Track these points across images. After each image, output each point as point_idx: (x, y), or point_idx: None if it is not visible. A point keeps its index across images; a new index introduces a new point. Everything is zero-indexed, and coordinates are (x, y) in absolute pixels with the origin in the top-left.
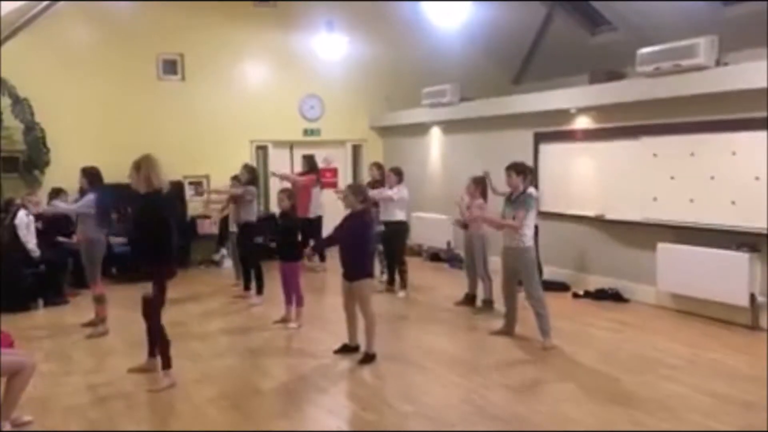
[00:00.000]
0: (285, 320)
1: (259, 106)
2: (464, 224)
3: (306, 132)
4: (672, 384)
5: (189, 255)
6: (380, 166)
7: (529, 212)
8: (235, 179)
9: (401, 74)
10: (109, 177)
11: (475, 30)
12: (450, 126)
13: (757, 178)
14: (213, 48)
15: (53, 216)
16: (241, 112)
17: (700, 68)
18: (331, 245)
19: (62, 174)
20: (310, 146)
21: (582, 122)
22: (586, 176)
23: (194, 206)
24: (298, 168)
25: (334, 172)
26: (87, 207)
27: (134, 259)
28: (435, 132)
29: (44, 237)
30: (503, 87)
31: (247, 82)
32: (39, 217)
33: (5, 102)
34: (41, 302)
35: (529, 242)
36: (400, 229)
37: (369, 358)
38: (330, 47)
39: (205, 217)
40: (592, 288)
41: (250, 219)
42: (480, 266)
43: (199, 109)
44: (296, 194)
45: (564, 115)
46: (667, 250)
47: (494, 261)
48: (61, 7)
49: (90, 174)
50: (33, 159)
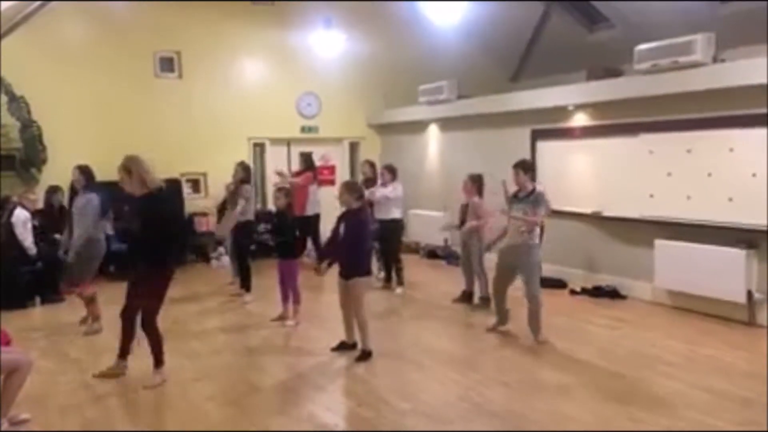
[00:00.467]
0: (282, 318)
1: (257, 104)
2: (460, 225)
3: (303, 129)
4: (669, 381)
5: (186, 253)
6: (372, 164)
7: (542, 210)
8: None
9: (399, 71)
10: (107, 175)
11: (473, 27)
12: (447, 123)
13: (754, 175)
14: (210, 45)
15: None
16: (239, 110)
17: (697, 65)
18: (335, 250)
19: (59, 172)
20: (308, 144)
21: (579, 119)
22: (584, 173)
23: (192, 204)
24: (296, 165)
25: (332, 170)
26: (94, 207)
27: (134, 260)
28: (432, 129)
29: (41, 235)
30: (501, 84)
31: (245, 80)
32: (36, 215)
33: (2, 100)
34: (38, 300)
35: (537, 240)
36: (396, 227)
37: (365, 356)
38: (327, 45)
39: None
40: (590, 285)
41: (247, 218)
42: (476, 263)
43: (197, 107)
44: (293, 193)
45: (561, 113)
46: (665, 247)
47: (488, 258)
48: (58, 5)
49: (86, 172)
50: (30, 157)
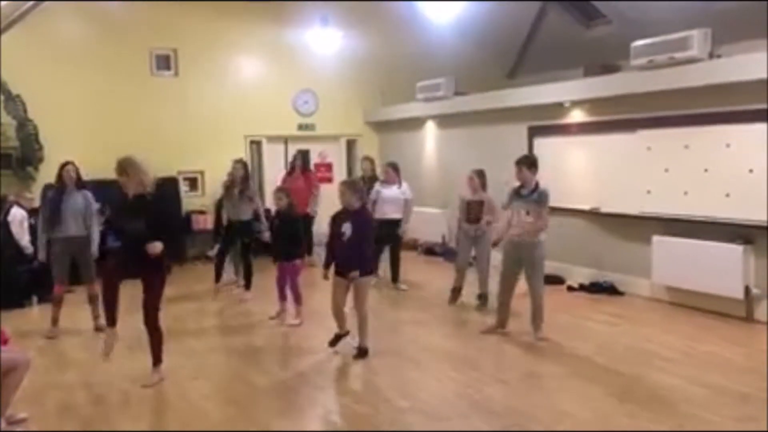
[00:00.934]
0: (279, 315)
1: (254, 102)
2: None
3: (300, 127)
4: (667, 376)
5: (184, 250)
6: (372, 161)
7: (547, 207)
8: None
9: (395, 68)
10: (103, 173)
11: (470, 24)
12: (445, 120)
13: (751, 171)
14: (207, 43)
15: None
16: (236, 108)
17: (694, 61)
18: (340, 251)
19: (56, 170)
20: (305, 141)
21: (576, 116)
22: (581, 170)
23: (190, 202)
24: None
25: (329, 167)
26: (94, 204)
27: (129, 258)
28: (430, 126)
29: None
30: (498, 81)
31: (242, 77)
32: (32, 214)
33: None
34: (35, 299)
35: (543, 237)
36: (398, 228)
37: (363, 353)
38: (324, 42)
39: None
40: (587, 281)
41: (249, 216)
42: (485, 260)
43: (193, 105)
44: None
45: (558, 109)
46: (662, 243)
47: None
48: (53, 3)
49: (77, 171)
50: (26, 155)
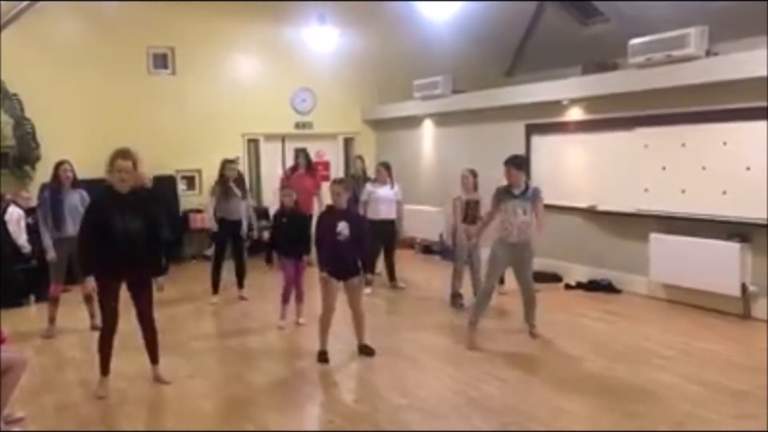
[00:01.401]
0: (285, 318)
1: (251, 100)
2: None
3: (298, 125)
4: (665, 374)
5: (182, 250)
6: (363, 160)
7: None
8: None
9: (393, 67)
10: (99, 172)
11: (467, 22)
12: (442, 118)
13: (748, 168)
14: (204, 41)
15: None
16: (233, 106)
17: (691, 58)
18: (337, 253)
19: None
20: (302, 139)
21: (574, 113)
22: (578, 167)
23: (187, 200)
24: (291, 162)
25: (326, 166)
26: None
27: (130, 263)
28: (427, 124)
29: (35, 233)
30: (496, 79)
31: (239, 76)
32: (29, 213)
33: None
34: (33, 298)
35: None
36: (393, 228)
37: (369, 350)
38: (321, 40)
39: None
40: (585, 279)
41: (240, 216)
42: (479, 262)
43: (190, 103)
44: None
45: (556, 107)
46: (659, 241)
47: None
48: (49, 2)
49: (73, 170)
50: (23, 154)
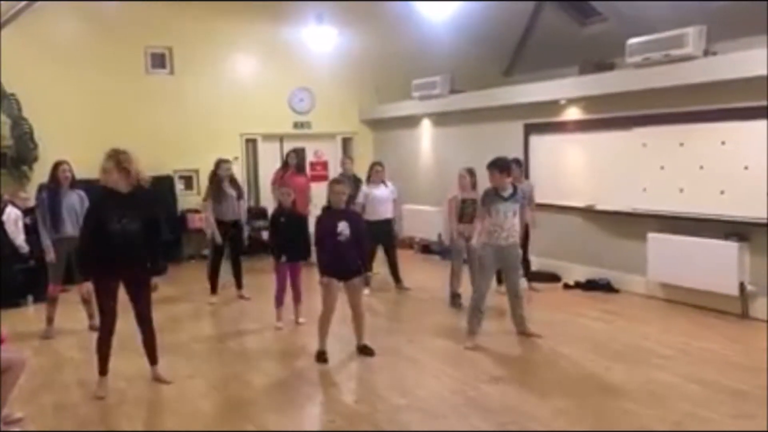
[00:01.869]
0: (282, 319)
1: (249, 100)
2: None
3: (296, 125)
4: (663, 373)
5: (180, 250)
6: (352, 160)
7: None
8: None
9: (391, 66)
10: (97, 173)
11: (466, 22)
12: (440, 118)
13: (746, 168)
14: (202, 41)
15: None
16: (231, 106)
17: (689, 58)
18: (337, 254)
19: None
20: (300, 139)
21: (572, 113)
22: (576, 167)
23: (185, 200)
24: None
25: (324, 165)
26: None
27: (127, 263)
28: (425, 124)
29: (33, 233)
30: (494, 78)
31: (237, 75)
32: (27, 213)
33: None
34: (31, 298)
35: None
36: (391, 228)
37: (368, 350)
38: (320, 40)
39: None
40: (583, 278)
41: (236, 217)
42: (476, 262)
43: (189, 103)
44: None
45: (554, 107)
46: (657, 240)
47: None
48: (48, 2)
49: (72, 170)
50: (21, 154)
